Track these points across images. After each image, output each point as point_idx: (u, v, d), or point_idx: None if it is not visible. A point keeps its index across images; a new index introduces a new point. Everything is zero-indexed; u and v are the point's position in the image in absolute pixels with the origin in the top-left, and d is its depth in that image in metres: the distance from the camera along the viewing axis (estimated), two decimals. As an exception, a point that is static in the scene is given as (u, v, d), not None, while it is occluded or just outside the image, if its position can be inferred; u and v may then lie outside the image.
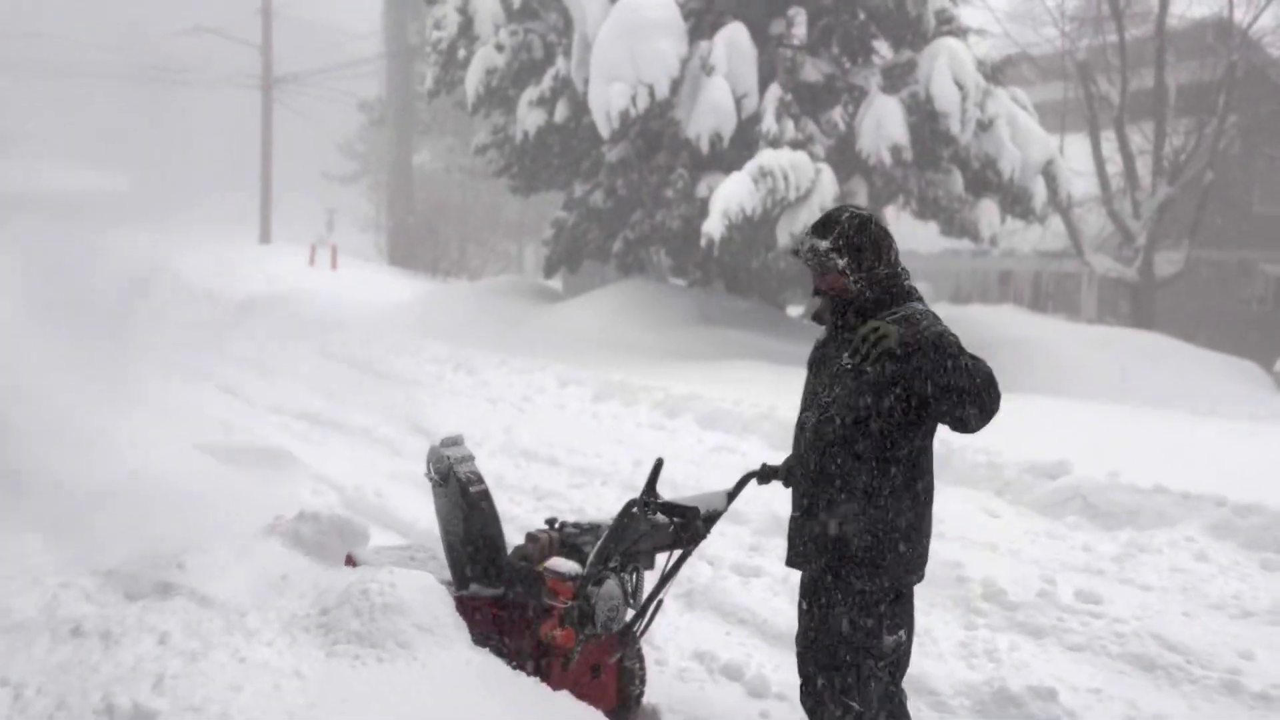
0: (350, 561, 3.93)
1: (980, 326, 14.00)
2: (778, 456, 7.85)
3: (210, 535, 4.12)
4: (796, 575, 5.27)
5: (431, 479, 3.71)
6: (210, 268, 23.17)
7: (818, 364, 3.08)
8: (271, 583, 3.52)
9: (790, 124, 12.65)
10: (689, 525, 3.37)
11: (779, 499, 6.71)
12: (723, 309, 14.44)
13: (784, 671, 4.26)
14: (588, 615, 3.15)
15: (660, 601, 3.57)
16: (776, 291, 15.95)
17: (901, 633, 2.94)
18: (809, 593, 3.04)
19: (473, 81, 14.81)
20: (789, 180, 11.86)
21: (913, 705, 3.29)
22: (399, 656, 3.03)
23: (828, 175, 12.26)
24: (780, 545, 5.85)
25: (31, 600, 3.53)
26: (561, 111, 14.13)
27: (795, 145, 12.50)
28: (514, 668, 3.17)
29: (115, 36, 51.32)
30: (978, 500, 6.68)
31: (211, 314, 17.20)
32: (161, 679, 2.82)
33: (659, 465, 3.52)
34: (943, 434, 2.91)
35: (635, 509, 3.29)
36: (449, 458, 3.65)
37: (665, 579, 3.53)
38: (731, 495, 3.54)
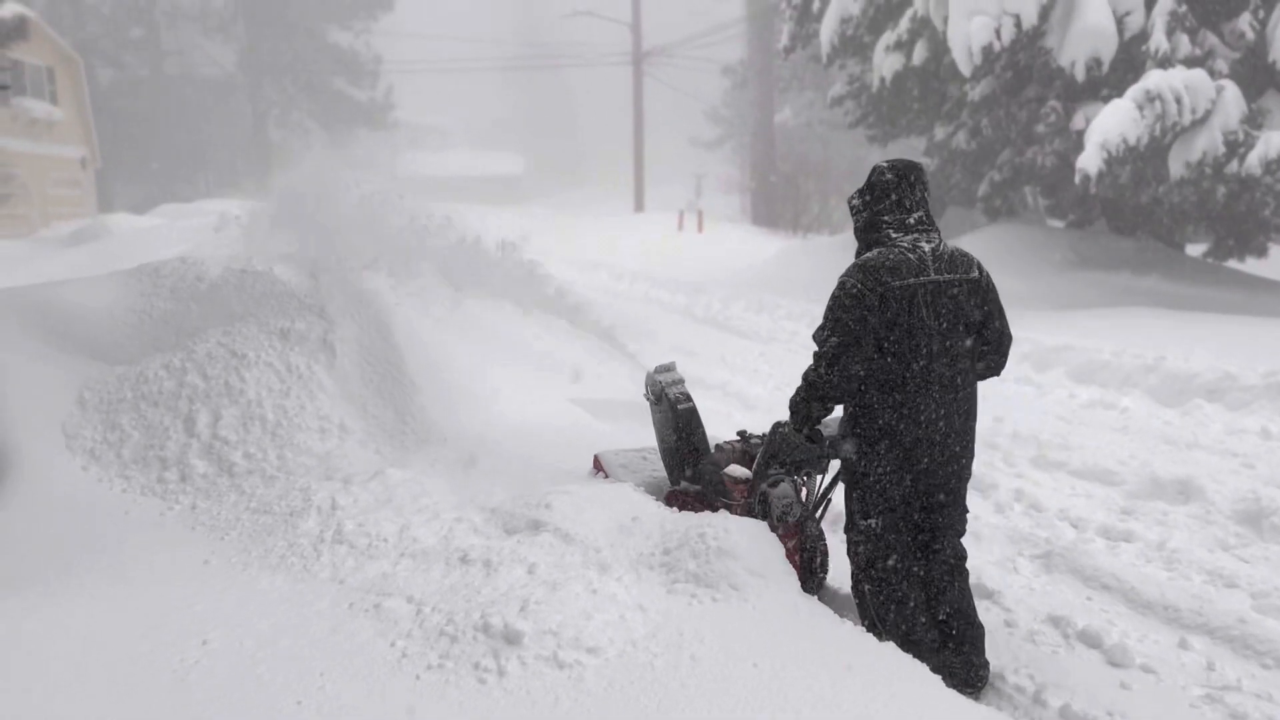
0: (597, 462, 4.75)
1: None
2: (1164, 413, 7.16)
3: (574, 480, 4.55)
4: (1176, 543, 4.88)
5: (648, 399, 4.40)
6: (590, 240, 25.03)
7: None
8: (622, 524, 3.83)
9: (1184, 39, 11.21)
10: (823, 447, 3.68)
11: (1160, 458, 6.12)
12: (1105, 250, 13.21)
13: (1149, 643, 3.95)
14: (764, 510, 3.66)
15: (830, 499, 4.13)
16: (1170, 228, 14.28)
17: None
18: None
19: (827, 32, 14.66)
20: (1182, 103, 10.54)
21: None
22: (731, 597, 3.20)
23: (1232, 93, 10.74)
24: (1158, 509, 5.37)
25: (433, 530, 4.12)
26: (920, 53, 13.56)
27: (1190, 63, 11.08)
28: None
29: (506, 29, 56.62)
30: None
31: (591, 280, 18.65)
32: (526, 604, 3.20)
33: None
34: None
35: (779, 430, 3.65)
36: (661, 381, 4.26)
37: (828, 488, 4.08)
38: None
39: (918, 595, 3.55)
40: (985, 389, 8.35)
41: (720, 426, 7.40)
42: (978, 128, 13.81)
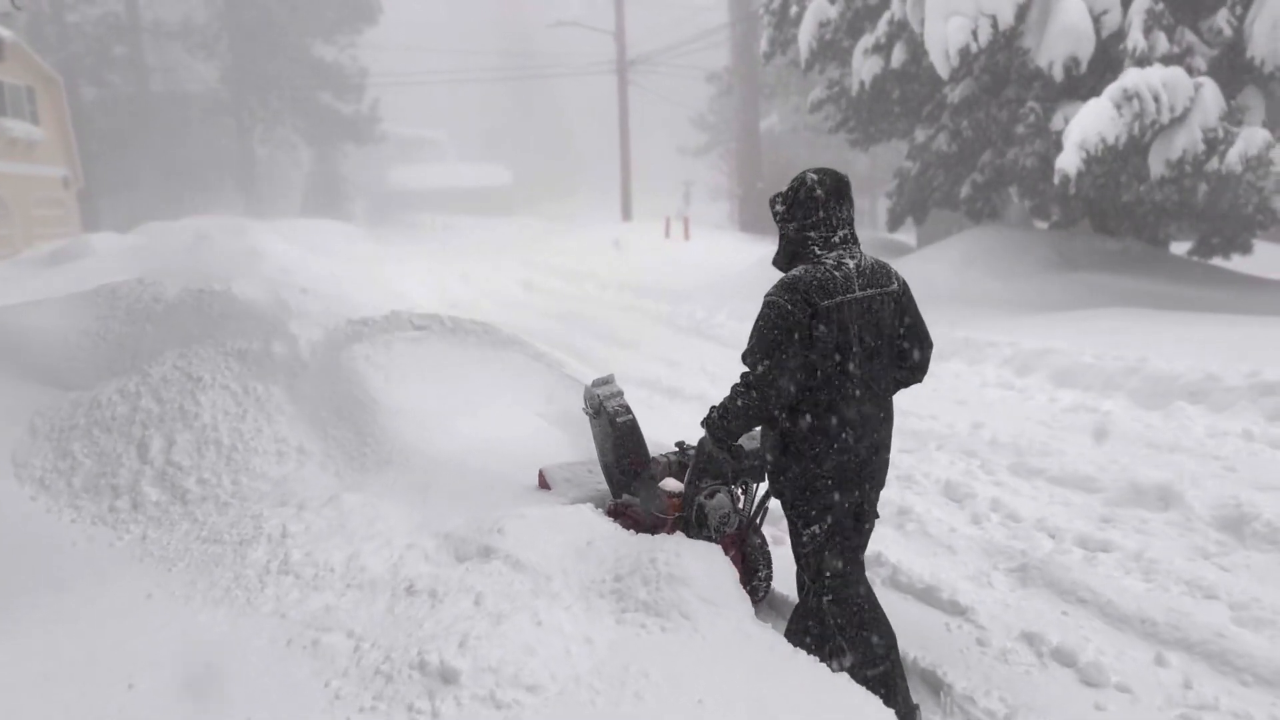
0: (541, 477, 4.74)
1: None
2: (1146, 416, 7.03)
3: (530, 501, 4.41)
4: (1155, 552, 4.74)
5: (587, 412, 4.35)
6: (576, 250, 24.91)
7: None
8: (577, 549, 3.69)
9: (1162, 37, 11.10)
10: (747, 461, 3.75)
11: (1141, 463, 5.99)
12: (1087, 251, 13.10)
13: (1125, 659, 3.80)
14: (701, 522, 3.66)
15: (766, 508, 4.19)
16: (1154, 227, 14.18)
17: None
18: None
19: (805, 37, 14.56)
20: (1160, 101, 10.44)
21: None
22: (681, 627, 3.06)
23: (1210, 90, 10.64)
24: (1138, 516, 5.24)
25: (383, 559, 3.98)
26: (898, 56, 13.47)
27: (1168, 60, 10.98)
28: None
29: (491, 41, 56.57)
30: None
31: (577, 290, 18.52)
32: (466, 639, 3.05)
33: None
34: None
35: (704, 448, 3.59)
36: (599, 395, 4.22)
37: (766, 496, 4.12)
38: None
39: (870, 599, 3.45)
40: (967, 394, 8.26)
41: (697, 436, 7.29)
42: (958, 130, 13.71)
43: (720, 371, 9.95)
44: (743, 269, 18.02)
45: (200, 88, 43.16)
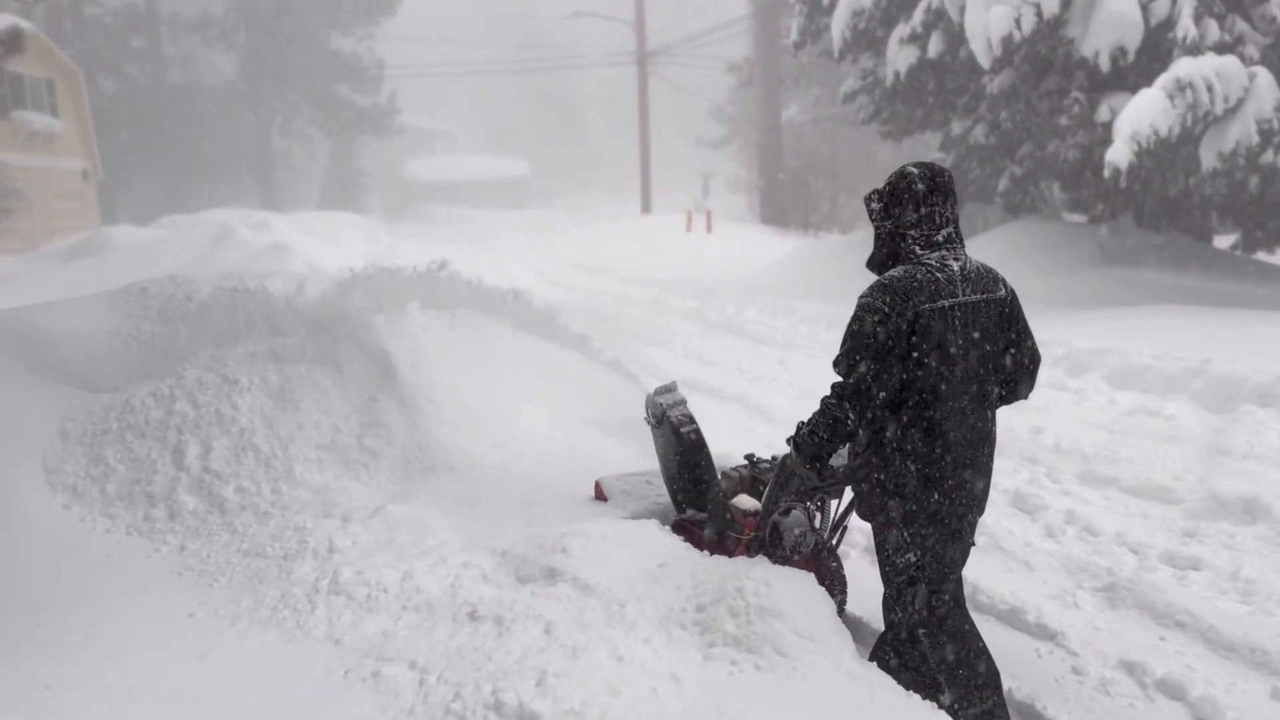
0: (598, 488, 4.51)
1: None
2: (1214, 421, 6.74)
3: (588, 515, 4.16)
4: (1250, 570, 4.44)
5: (649, 422, 4.13)
6: (597, 243, 24.66)
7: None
8: (648, 571, 3.44)
9: (1213, 25, 10.77)
10: (835, 478, 3.53)
11: (1218, 472, 5.70)
12: (1132, 246, 12.76)
13: (1238, 693, 3.53)
14: (776, 542, 3.38)
15: (845, 527, 3.88)
16: (1201, 221, 13.82)
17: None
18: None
19: (838, 26, 14.26)
20: (1214, 91, 10.10)
21: None
22: (778, 665, 2.80)
23: (1265, 80, 10.29)
24: (1224, 531, 4.96)
25: (438, 578, 3.73)
26: (935, 46, 13.15)
27: (1220, 49, 10.64)
28: None
29: (509, 32, 56.31)
30: None
31: (600, 284, 18.25)
32: (544, 676, 2.81)
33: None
34: None
35: (787, 463, 3.36)
36: (662, 403, 4.01)
37: (844, 514, 3.80)
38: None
39: (972, 630, 3.19)
40: (1019, 396, 7.96)
41: (742, 441, 7.00)
42: (996, 121, 13.38)
43: (758, 370, 9.69)
44: (769, 264, 17.75)
45: (218, 80, 43.05)
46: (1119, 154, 10.10)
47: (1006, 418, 7.23)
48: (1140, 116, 10.10)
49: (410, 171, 55.63)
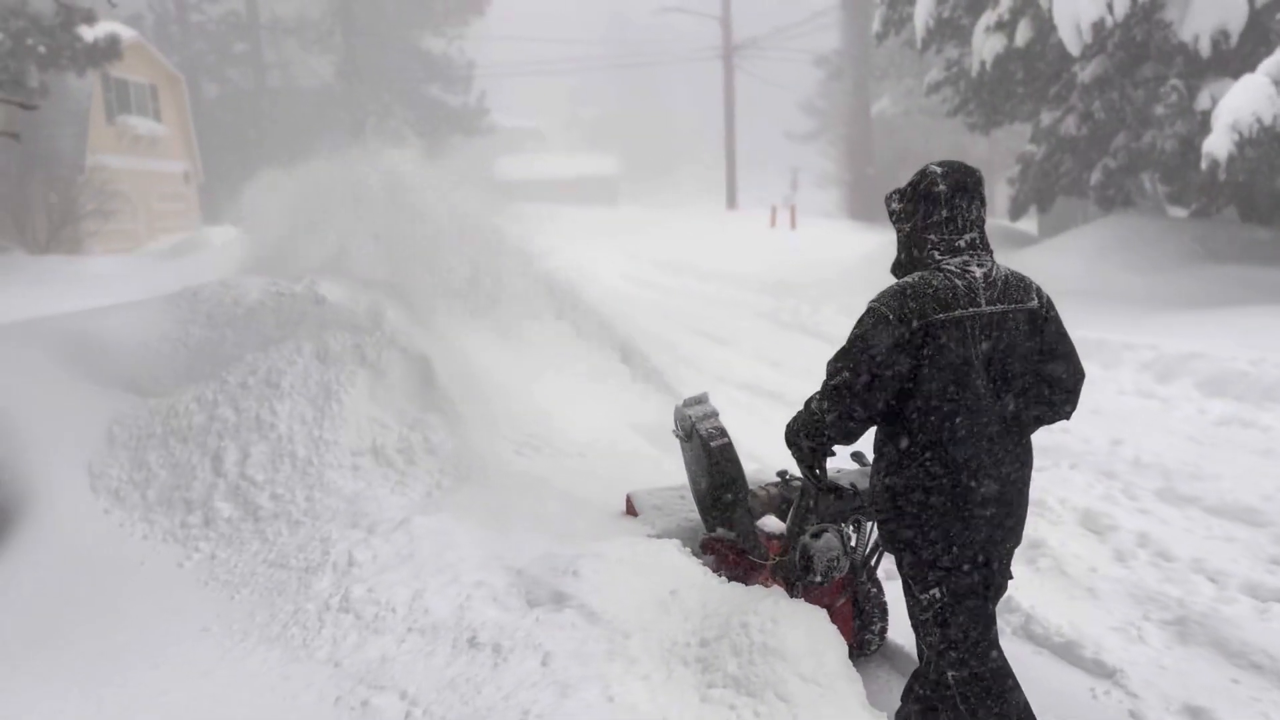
0: (629, 503, 4.39)
1: None
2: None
3: (612, 533, 3.99)
4: (1342, 606, 4.01)
5: (677, 435, 3.96)
6: (679, 240, 24.46)
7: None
8: (659, 599, 3.25)
9: (1326, 3, 10.01)
10: (849, 499, 3.30)
11: (1315, 493, 5.22)
12: (1235, 242, 11.99)
13: (1320, 752, 3.15)
14: (806, 567, 3.14)
15: (881, 551, 3.58)
16: (1313, 216, 12.92)
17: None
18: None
19: (921, 15, 13.77)
20: (1326, 75, 9.38)
21: None
22: (777, 712, 2.58)
23: (1384, 62, 9.52)
24: (1317, 560, 4.51)
25: (448, 598, 3.62)
26: (1023, 33, 12.56)
27: (1334, 29, 9.89)
28: None
29: (596, 30, 56.52)
30: None
31: (677, 282, 18.06)
32: (527, 716, 2.64)
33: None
34: None
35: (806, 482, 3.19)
36: (691, 416, 3.83)
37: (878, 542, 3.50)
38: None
39: (1003, 670, 2.89)
40: (1101, 403, 7.50)
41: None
42: (1089, 111, 12.71)
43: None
44: (853, 261, 17.26)
45: (314, 82, 44.18)
46: (1218, 144, 9.46)
47: (1083, 428, 6.79)
48: (1242, 104, 9.43)
49: (500, 170, 56.27)
